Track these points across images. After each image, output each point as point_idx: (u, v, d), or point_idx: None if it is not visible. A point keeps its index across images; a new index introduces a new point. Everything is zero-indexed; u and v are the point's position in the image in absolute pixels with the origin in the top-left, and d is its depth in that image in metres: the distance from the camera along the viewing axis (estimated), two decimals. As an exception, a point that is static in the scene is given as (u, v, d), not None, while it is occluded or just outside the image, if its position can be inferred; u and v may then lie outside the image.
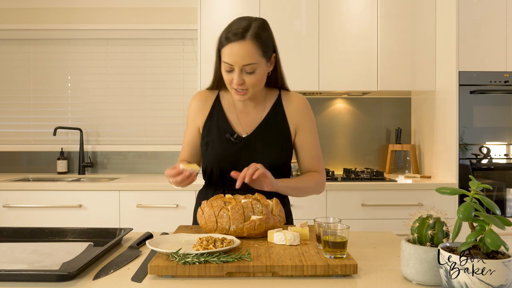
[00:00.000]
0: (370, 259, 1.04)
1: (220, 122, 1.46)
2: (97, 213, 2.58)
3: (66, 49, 3.26)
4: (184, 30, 3.21)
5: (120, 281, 0.89)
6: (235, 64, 1.30)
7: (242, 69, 1.31)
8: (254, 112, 1.47)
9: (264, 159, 1.40)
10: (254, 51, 1.30)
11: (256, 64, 1.31)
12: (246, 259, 0.92)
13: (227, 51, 1.30)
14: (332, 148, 3.26)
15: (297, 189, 1.43)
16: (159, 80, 3.27)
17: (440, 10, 2.79)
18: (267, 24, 1.37)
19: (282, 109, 1.47)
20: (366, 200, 2.60)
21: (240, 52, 1.28)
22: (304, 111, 1.48)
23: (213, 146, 1.44)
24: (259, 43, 1.30)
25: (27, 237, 1.25)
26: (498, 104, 2.65)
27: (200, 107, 1.50)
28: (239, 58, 1.29)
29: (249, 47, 1.29)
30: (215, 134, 1.45)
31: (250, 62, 1.30)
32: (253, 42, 1.29)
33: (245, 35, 1.29)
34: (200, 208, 1.21)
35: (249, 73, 1.32)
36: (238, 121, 1.46)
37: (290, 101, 1.48)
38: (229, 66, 1.31)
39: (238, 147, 1.42)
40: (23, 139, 3.27)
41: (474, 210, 0.78)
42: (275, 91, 1.51)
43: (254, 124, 1.45)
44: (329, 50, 2.83)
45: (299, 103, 1.48)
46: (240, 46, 1.28)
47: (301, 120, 1.47)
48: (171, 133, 3.26)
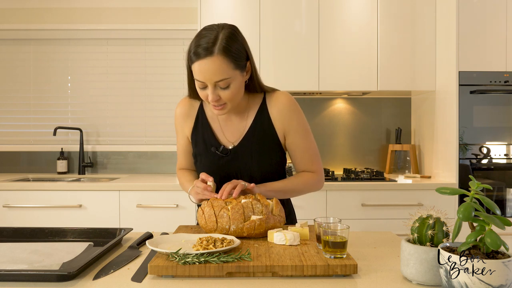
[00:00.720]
0: (370, 259, 1.04)
1: (206, 134, 1.40)
2: (97, 213, 2.58)
3: (66, 49, 3.26)
4: (184, 30, 3.21)
5: (120, 281, 0.89)
6: (207, 81, 1.21)
7: (215, 85, 1.22)
8: (238, 121, 1.40)
9: (254, 170, 1.36)
10: (225, 66, 1.20)
11: (229, 79, 1.22)
12: (246, 259, 0.92)
13: (196, 68, 1.21)
14: (332, 148, 3.26)
15: (283, 192, 1.37)
16: (159, 80, 3.27)
17: (440, 10, 2.79)
18: (236, 32, 1.26)
19: (267, 113, 1.38)
20: (366, 200, 2.60)
21: (210, 68, 1.19)
22: (290, 112, 1.37)
23: (201, 159, 1.40)
24: (229, 56, 1.20)
25: (27, 237, 1.25)
26: (498, 104, 2.65)
27: (185, 117, 1.44)
28: (210, 75, 1.20)
29: (218, 63, 1.19)
30: (202, 147, 1.40)
31: (222, 78, 1.21)
32: (222, 57, 1.19)
33: (212, 50, 1.18)
34: (200, 208, 1.21)
35: (223, 88, 1.23)
36: (223, 132, 1.41)
37: (274, 103, 1.37)
38: (201, 84, 1.23)
39: (226, 160, 1.37)
40: (23, 139, 3.27)
41: (474, 210, 0.78)
42: (259, 95, 1.41)
43: (239, 134, 1.39)
44: (329, 50, 2.83)
45: (283, 104, 1.37)
46: (209, 62, 1.19)
47: (287, 121, 1.37)
48: (171, 133, 3.26)
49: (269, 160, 1.38)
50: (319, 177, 1.44)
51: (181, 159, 1.51)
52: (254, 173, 1.37)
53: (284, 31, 2.82)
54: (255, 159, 1.36)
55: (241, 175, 1.38)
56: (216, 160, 1.38)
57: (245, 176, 1.37)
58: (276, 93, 1.40)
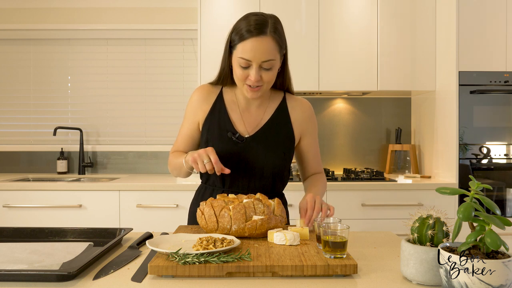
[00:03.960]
0: (370, 259, 1.04)
1: (222, 120, 1.41)
2: (97, 213, 2.58)
3: (66, 49, 3.26)
4: (184, 30, 3.21)
5: (120, 281, 0.89)
6: (254, 60, 1.25)
7: (260, 65, 1.26)
8: (257, 112, 1.43)
9: (265, 163, 1.38)
10: (273, 47, 1.26)
11: (274, 61, 1.28)
12: (246, 259, 0.92)
13: (247, 46, 1.25)
14: (332, 148, 3.26)
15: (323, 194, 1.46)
16: (159, 80, 3.27)
17: (440, 10, 2.79)
18: (280, 21, 1.34)
19: (287, 113, 1.44)
20: (366, 200, 2.60)
21: (260, 47, 1.24)
22: (311, 118, 1.48)
23: (213, 144, 1.39)
24: (278, 39, 1.27)
25: (27, 237, 1.25)
26: (498, 104, 2.65)
27: (202, 102, 1.44)
28: (259, 54, 1.24)
29: (269, 43, 1.25)
30: (216, 132, 1.40)
31: (269, 58, 1.26)
32: (273, 38, 1.26)
33: (265, 31, 1.25)
34: (199, 209, 1.20)
35: (266, 69, 1.28)
36: (241, 120, 1.42)
37: (296, 106, 1.45)
38: (246, 62, 1.26)
39: (239, 148, 1.38)
40: (23, 139, 3.27)
41: (474, 210, 0.78)
42: (280, 93, 1.48)
43: (257, 125, 1.41)
44: (329, 50, 2.83)
45: (308, 109, 1.47)
46: (260, 41, 1.24)
47: (307, 127, 1.47)
48: (171, 133, 3.26)
49: (282, 156, 1.41)
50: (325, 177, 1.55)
51: (179, 143, 1.48)
52: (266, 165, 1.39)
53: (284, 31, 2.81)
54: (269, 151, 1.39)
55: (252, 165, 1.39)
56: (230, 146, 1.38)
57: (257, 166, 1.39)
58: (296, 97, 1.49)
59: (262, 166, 1.39)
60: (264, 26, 1.25)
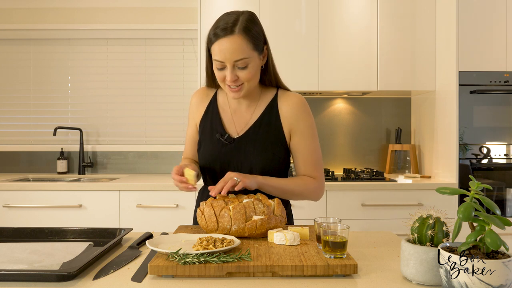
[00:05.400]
0: (370, 259, 1.04)
1: (213, 121, 1.42)
2: (97, 213, 2.58)
3: (66, 49, 3.26)
4: (184, 30, 3.21)
5: (120, 281, 0.89)
6: (226, 60, 1.25)
7: (234, 65, 1.25)
8: (247, 112, 1.41)
9: (255, 163, 1.35)
10: (245, 45, 1.24)
11: (248, 58, 1.26)
12: (246, 259, 0.92)
13: (216, 48, 1.25)
14: (332, 148, 3.26)
15: (282, 190, 1.33)
16: (159, 80, 3.27)
17: (440, 10, 2.79)
18: (255, 16, 1.31)
19: (276, 109, 1.38)
20: (366, 200, 2.60)
21: (230, 47, 1.23)
22: (300, 113, 1.37)
23: (204, 146, 1.40)
24: (248, 36, 1.25)
25: (27, 237, 1.25)
26: (498, 104, 2.65)
27: (198, 105, 1.47)
28: (229, 54, 1.23)
29: (238, 41, 1.23)
30: (208, 134, 1.41)
31: (241, 57, 1.24)
32: (242, 36, 1.24)
33: (233, 30, 1.23)
34: (199, 209, 1.20)
35: (241, 68, 1.26)
36: (231, 121, 1.41)
37: (285, 101, 1.39)
38: (220, 64, 1.26)
39: (229, 149, 1.37)
40: (23, 139, 3.27)
41: (474, 210, 0.78)
42: (272, 90, 1.43)
43: (246, 124, 1.40)
44: (329, 50, 2.83)
45: (294, 103, 1.38)
46: (229, 41, 1.23)
47: (295, 122, 1.37)
48: (171, 133, 3.26)
49: (271, 155, 1.37)
50: (320, 184, 1.40)
51: (187, 149, 1.52)
52: (255, 166, 1.36)
53: (284, 31, 2.82)
54: (257, 152, 1.35)
55: (241, 165, 1.37)
56: (219, 147, 1.38)
57: (246, 167, 1.36)
58: (289, 92, 1.43)
59: (251, 166, 1.36)
60: (232, 25, 1.24)
